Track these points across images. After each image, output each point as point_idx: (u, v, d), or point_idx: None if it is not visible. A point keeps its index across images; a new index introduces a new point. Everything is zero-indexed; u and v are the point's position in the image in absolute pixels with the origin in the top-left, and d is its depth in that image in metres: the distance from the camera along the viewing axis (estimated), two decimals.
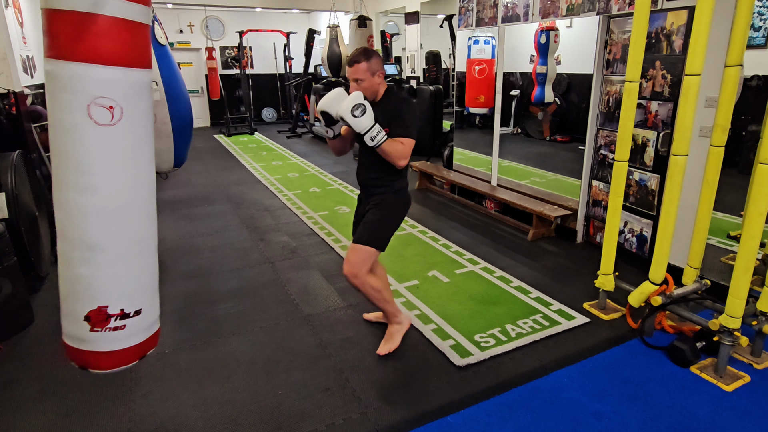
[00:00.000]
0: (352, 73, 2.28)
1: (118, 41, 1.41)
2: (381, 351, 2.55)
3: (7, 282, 2.77)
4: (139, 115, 1.52)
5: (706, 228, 2.63)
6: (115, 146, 1.47)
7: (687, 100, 2.34)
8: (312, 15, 11.53)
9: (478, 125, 6.00)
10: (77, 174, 1.47)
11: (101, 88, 1.41)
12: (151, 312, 1.72)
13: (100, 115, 1.42)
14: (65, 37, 1.38)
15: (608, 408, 2.21)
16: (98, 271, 1.56)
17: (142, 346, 1.72)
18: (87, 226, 1.51)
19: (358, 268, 2.34)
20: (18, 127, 3.90)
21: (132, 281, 1.62)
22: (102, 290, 1.58)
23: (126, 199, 1.54)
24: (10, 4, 5.43)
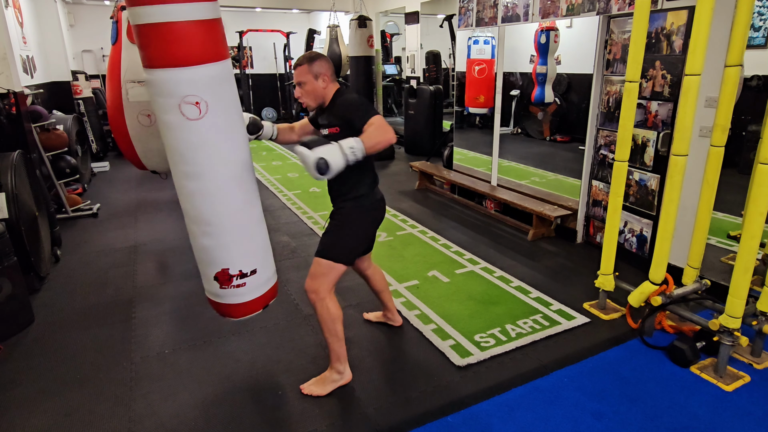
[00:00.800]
0: (295, 77, 2.14)
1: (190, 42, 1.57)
2: (303, 389, 2.29)
3: (7, 282, 2.77)
4: (224, 104, 1.70)
5: (706, 228, 2.63)
6: (207, 136, 1.68)
7: (687, 100, 2.34)
8: (312, 15, 11.53)
9: (478, 125, 6.00)
10: (184, 164, 1.71)
11: (186, 88, 1.59)
12: (265, 270, 2.04)
13: (190, 112, 1.61)
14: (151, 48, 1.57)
15: (608, 408, 2.21)
16: (216, 242, 1.85)
17: (263, 297, 2.06)
18: (199, 205, 1.79)
19: (318, 282, 2.16)
20: (18, 127, 3.90)
21: (243, 247, 1.91)
22: (221, 256, 1.88)
23: (226, 180, 1.77)
24: (10, 4, 5.42)
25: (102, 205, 5.23)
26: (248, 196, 1.90)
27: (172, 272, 3.62)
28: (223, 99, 1.70)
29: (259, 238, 2.01)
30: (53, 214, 3.99)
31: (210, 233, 1.85)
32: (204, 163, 1.71)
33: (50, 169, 4.67)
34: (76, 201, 5.06)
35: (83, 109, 7.06)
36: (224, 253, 1.88)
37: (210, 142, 1.70)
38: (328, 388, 2.28)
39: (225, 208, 1.82)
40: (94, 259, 3.86)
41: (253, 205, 1.95)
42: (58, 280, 3.51)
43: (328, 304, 2.18)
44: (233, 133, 1.79)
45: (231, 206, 1.83)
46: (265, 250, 2.05)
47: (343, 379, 2.32)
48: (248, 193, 1.90)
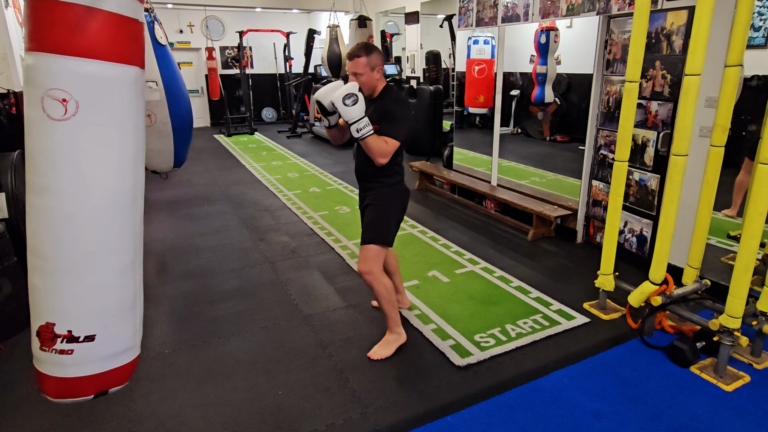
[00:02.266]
0: (351, 67, 2.32)
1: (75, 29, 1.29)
2: (373, 355, 2.55)
3: (7, 282, 2.77)
4: (106, 114, 1.36)
5: (706, 228, 2.63)
6: (69, 144, 1.33)
7: (687, 100, 2.34)
8: (312, 15, 11.53)
9: (478, 125, 6.00)
10: (34, 173, 1.36)
11: (54, 80, 1.30)
12: (110, 341, 1.46)
13: (53, 109, 1.31)
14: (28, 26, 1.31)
15: (608, 408, 2.21)
16: (47, 283, 1.39)
17: (98, 378, 1.48)
18: (40, 231, 1.37)
19: (370, 264, 2.42)
20: (18, 127, 3.90)
21: (83, 301, 1.41)
22: (49, 305, 1.40)
23: (81, 205, 1.36)
24: (10, 4, 5.43)
25: None
26: (113, 235, 1.43)
27: (172, 272, 3.62)
28: (105, 107, 1.36)
29: (115, 295, 1.46)
30: None
31: (43, 270, 1.38)
32: (56, 174, 1.33)
33: None
34: None
35: None
36: (54, 301, 1.39)
37: (68, 151, 1.33)
38: (392, 347, 2.59)
39: (71, 240, 1.36)
40: None
41: (120, 249, 1.45)
42: None
43: (382, 279, 2.46)
44: (107, 151, 1.38)
45: (80, 243, 1.37)
46: (120, 312, 1.48)
47: (401, 338, 2.63)
48: (114, 231, 1.43)
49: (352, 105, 2.16)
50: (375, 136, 2.25)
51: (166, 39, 3.80)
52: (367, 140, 2.23)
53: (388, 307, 2.53)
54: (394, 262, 2.90)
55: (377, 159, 2.29)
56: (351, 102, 2.16)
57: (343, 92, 2.17)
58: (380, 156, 2.28)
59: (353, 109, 2.17)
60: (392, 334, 2.61)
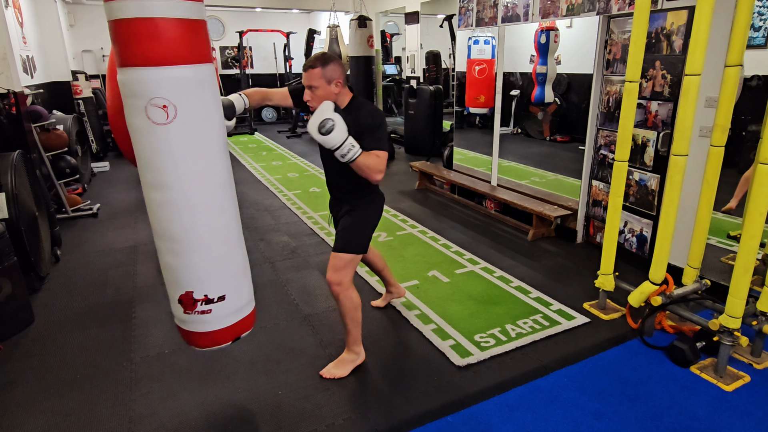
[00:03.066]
0: (305, 79, 2.11)
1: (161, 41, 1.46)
2: (325, 373, 2.40)
3: (7, 282, 2.77)
4: (197, 111, 1.57)
5: (706, 228, 2.63)
6: (175, 143, 1.55)
7: (687, 100, 2.34)
8: (312, 15, 11.53)
9: (478, 125, 6.00)
10: (150, 172, 1.59)
11: (153, 89, 1.48)
12: (236, 298, 1.82)
13: (156, 115, 1.50)
14: (121, 45, 1.48)
15: (608, 408, 2.21)
16: (180, 261, 1.68)
17: (233, 328, 1.84)
18: (165, 219, 1.64)
19: (341, 275, 2.28)
20: (18, 127, 3.90)
21: (211, 269, 1.72)
22: (186, 277, 1.70)
23: (195, 194, 1.62)
24: (10, 4, 5.42)
25: (102, 205, 5.23)
26: (221, 214, 1.72)
27: None
28: (196, 105, 1.56)
29: (232, 262, 1.80)
30: (53, 214, 3.99)
31: (175, 251, 1.67)
32: (170, 172, 1.57)
33: (50, 169, 4.67)
34: (76, 201, 5.06)
35: (83, 109, 7.06)
36: (189, 275, 1.70)
37: (178, 150, 1.56)
38: (348, 368, 2.43)
39: (192, 224, 1.64)
40: (94, 259, 3.86)
41: (228, 225, 1.76)
42: (58, 280, 3.51)
43: (351, 294, 2.33)
44: (206, 144, 1.63)
45: (199, 223, 1.65)
46: (238, 275, 1.83)
47: (360, 358, 2.48)
48: (222, 211, 1.72)
49: (329, 132, 1.95)
50: (365, 155, 2.05)
51: None
52: (357, 162, 2.04)
53: (351, 324, 2.37)
54: (380, 259, 2.88)
55: (374, 176, 2.10)
56: (327, 129, 1.95)
57: (317, 121, 1.96)
58: (377, 173, 2.09)
59: (332, 136, 1.96)
60: (350, 353, 2.45)
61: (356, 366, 2.45)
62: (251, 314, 1.94)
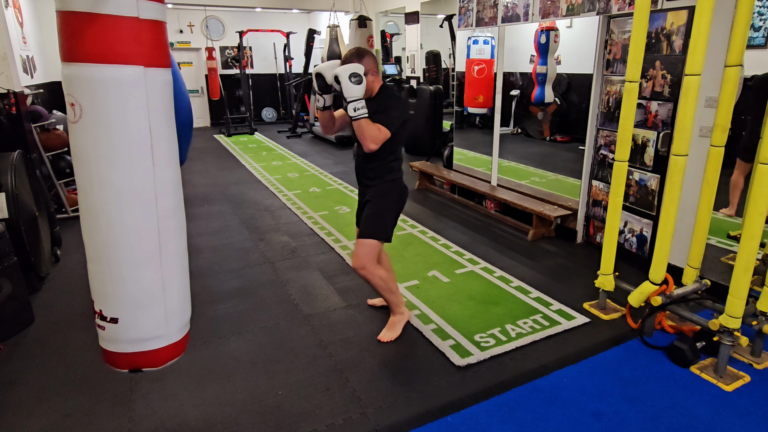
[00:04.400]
0: None
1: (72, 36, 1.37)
2: (382, 338, 2.68)
3: (7, 282, 2.77)
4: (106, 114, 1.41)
5: (706, 228, 2.63)
6: (79, 145, 1.45)
7: (687, 100, 2.34)
8: (312, 15, 11.53)
9: (478, 125, 6.00)
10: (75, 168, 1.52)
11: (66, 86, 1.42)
12: (132, 327, 1.59)
13: (69, 112, 1.44)
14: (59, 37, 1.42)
15: (608, 408, 2.21)
16: (89, 267, 1.60)
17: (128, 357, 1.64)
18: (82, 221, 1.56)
19: (365, 260, 2.48)
20: (18, 127, 3.90)
21: (105, 286, 1.56)
22: (91, 285, 1.62)
23: (95, 201, 1.48)
24: (10, 4, 5.42)
25: None
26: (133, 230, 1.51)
27: None
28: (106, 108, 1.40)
29: (136, 286, 1.56)
30: (53, 214, 3.99)
31: (87, 255, 1.59)
32: (77, 173, 1.49)
33: (50, 169, 4.67)
34: (76, 201, 5.06)
35: None
36: (92, 282, 1.59)
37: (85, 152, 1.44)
38: (399, 328, 2.73)
39: (93, 234, 1.52)
40: None
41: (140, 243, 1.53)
42: (58, 280, 3.51)
43: (377, 272, 2.53)
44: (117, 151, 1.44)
45: (96, 234, 1.51)
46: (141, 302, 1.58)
47: (406, 316, 2.79)
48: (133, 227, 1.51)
49: (356, 83, 2.23)
50: (368, 120, 2.30)
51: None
52: (360, 121, 2.28)
53: (387, 294, 2.63)
54: (388, 262, 2.94)
55: (368, 143, 2.32)
56: (356, 81, 2.23)
57: (350, 69, 2.23)
58: (371, 141, 2.31)
59: (356, 87, 2.23)
60: (396, 315, 2.74)
61: (405, 323, 2.78)
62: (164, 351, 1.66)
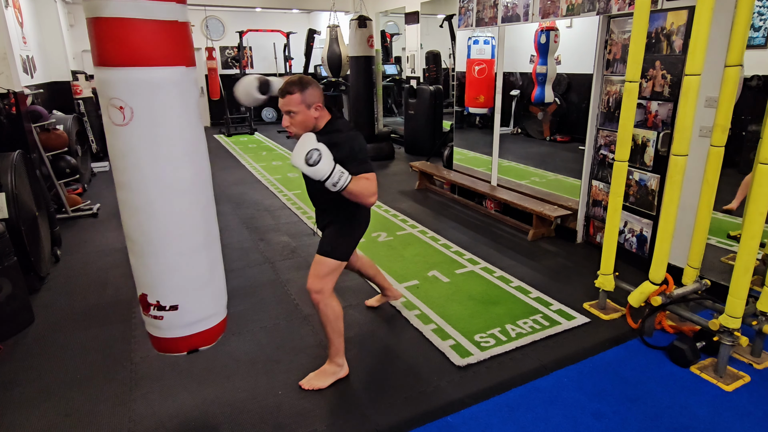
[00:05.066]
0: (283, 105, 2.06)
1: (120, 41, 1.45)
2: (303, 384, 2.33)
3: (7, 282, 2.77)
4: (158, 115, 1.54)
5: (706, 228, 2.63)
6: (131, 145, 1.54)
7: (687, 100, 2.34)
8: (312, 15, 11.53)
9: (478, 125, 6.00)
10: (115, 171, 1.61)
11: (112, 90, 1.48)
12: (192, 310, 1.75)
13: (115, 116, 1.51)
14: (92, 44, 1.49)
15: (608, 408, 2.21)
16: (137, 261, 1.68)
17: (186, 340, 1.78)
18: (125, 219, 1.65)
19: (322, 283, 2.21)
20: (18, 127, 3.90)
21: (164, 276, 1.68)
22: (142, 279, 1.70)
23: (150, 197, 1.59)
24: (10, 4, 5.42)
25: (102, 205, 5.23)
26: (179, 221, 1.66)
27: None
28: (156, 108, 1.52)
29: (190, 272, 1.71)
30: (53, 214, 3.99)
31: (134, 251, 1.67)
32: (128, 172, 1.57)
33: (50, 169, 4.67)
34: (76, 201, 5.06)
35: (83, 109, 7.05)
36: (144, 277, 1.69)
37: (134, 151, 1.54)
38: (329, 380, 2.34)
39: (147, 227, 1.62)
40: (94, 259, 3.86)
41: (187, 233, 1.68)
42: (58, 280, 3.51)
43: (332, 303, 2.26)
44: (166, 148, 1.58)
45: (153, 227, 1.62)
46: (197, 287, 1.74)
47: (342, 371, 2.39)
48: (180, 218, 1.66)
49: (316, 163, 1.82)
50: (355, 180, 1.94)
51: None
52: (349, 189, 1.92)
53: (333, 334, 2.29)
54: (371, 265, 2.84)
55: (367, 200, 2.00)
56: (314, 161, 1.82)
57: (302, 154, 1.82)
58: (370, 196, 2.00)
59: (320, 167, 1.84)
60: (332, 364, 2.36)
61: (338, 379, 2.35)
62: (216, 328, 1.83)
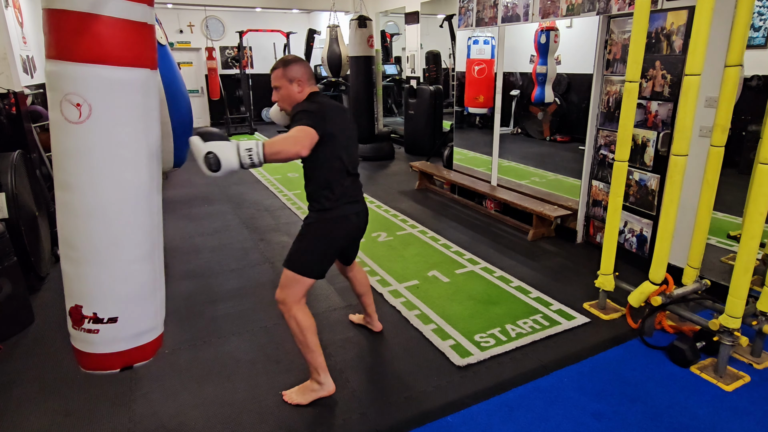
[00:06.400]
0: (272, 81, 2.17)
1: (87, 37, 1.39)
2: (285, 396, 2.25)
3: (7, 282, 2.77)
4: (118, 115, 1.47)
5: (706, 228, 2.63)
6: (85, 144, 1.45)
7: (687, 100, 2.34)
8: (312, 15, 11.52)
9: (478, 125, 6.00)
10: (58, 170, 1.50)
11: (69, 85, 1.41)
12: (132, 323, 1.62)
13: (70, 112, 1.43)
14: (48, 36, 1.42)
15: (608, 408, 2.21)
16: (75, 270, 1.56)
17: (121, 355, 1.64)
18: (65, 223, 1.54)
19: (285, 293, 2.13)
20: (18, 127, 3.90)
21: (105, 286, 1.56)
22: (77, 289, 1.57)
23: (100, 200, 1.50)
24: (10, 4, 5.42)
25: None
26: (127, 228, 1.56)
27: (171, 272, 3.62)
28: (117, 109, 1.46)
29: (135, 282, 1.61)
30: (53, 214, 3.99)
31: (70, 258, 1.55)
32: (75, 173, 1.47)
33: (50, 169, 4.67)
34: None
35: None
36: (81, 287, 1.56)
37: (85, 151, 1.45)
38: (310, 397, 2.22)
39: (90, 232, 1.51)
40: None
41: (136, 241, 1.58)
42: (58, 280, 3.48)
43: (295, 314, 2.12)
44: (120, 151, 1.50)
45: (99, 234, 1.51)
46: (140, 298, 1.64)
47: (324, 390, 2.22)
48: (128, 225, 1.56)
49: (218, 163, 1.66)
50: (269, 143, 1.78)
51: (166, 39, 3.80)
52: (266, 155, 1.75)
53: (303, 349, 2.17)
54: (364, 282, 2.65)
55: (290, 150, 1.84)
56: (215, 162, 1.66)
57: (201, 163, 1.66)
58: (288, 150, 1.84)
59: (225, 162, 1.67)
60: (312, 381, 2.24)
61: (320, 397, 2.23)
62: (153, 343, 1.72)
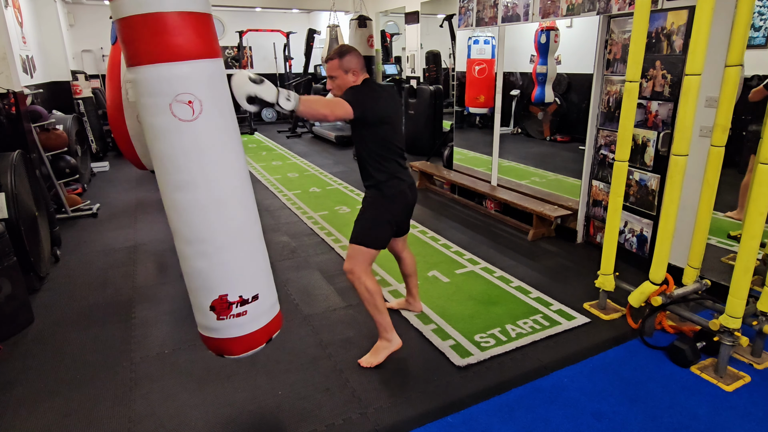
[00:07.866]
0: (326, 70, 2.31)
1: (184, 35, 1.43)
2: (362, 362, 2.48)
3: (7, 282, 2.77)
4: (220, 105, 1.55)
5: (707, 228, 2.63)
6: (202, 140, 1.52)
7: (687, 100, 2.34)
8: (312, 15, 11.52)
9: (478, 125, 6.00)
10: (175, 172, 1.53)
11: (179, 85, 1.45)
12: (268, 295, 1.80)
13: (182, 112, 1.47)
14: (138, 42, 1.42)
15: (608, 408, 2.21)
16: (212, 263, 1.63)
17: (266, 328, 1.80)
18: (194, 221, 1.58)
19: (352, 264, 2.37)
20: (18, 127, 3.90)
21: (244, 268, 1.69)
22: (219, 280, 1.65)
23: (223, 191, 1.59)
24: (10, 4, 5.42)
25: (102, 205, 5.23)
26: (247, 210, 1.69)
27: (171, 272, 3.62)
28: (219, 99, 1.54)
29: (261, 259, 1.77)
30: (53, 214, 3.99)
31: (205, 253, 1.61)
32: (198, 170, 1.53)
33: (50, 169, 4.67)
34: (76, 201, 5.06)
35: (83, 109, 7.06)
36: (222, 276, 1.65)
37: (204, 146, 1.52)
38: (382, 355, 2.47)
39: (223, 223, 1.60)
40: (94, 259, 3.86)
41: (254, 220, 1.73)
42: (58, 280, 3.51)
43: (365, 281, 2.35)
44: (230, 138, 1.60)
45: (229, 221, 1.62)
46: (267, 272, 1.81)
47: (393, 345, 2.49)
48: (247, 207, 1.69)
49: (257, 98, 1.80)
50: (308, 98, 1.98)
51: None
52: (300, 109, 1.93)
53: (373, 312, 2.42)
54: (412, 264, 2.83)
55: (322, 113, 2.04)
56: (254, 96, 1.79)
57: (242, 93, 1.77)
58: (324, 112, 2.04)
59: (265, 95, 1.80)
60: (382, 340, 2.50)
61: (392, 352, 2.50)
62: (279, 314, 1.91)
